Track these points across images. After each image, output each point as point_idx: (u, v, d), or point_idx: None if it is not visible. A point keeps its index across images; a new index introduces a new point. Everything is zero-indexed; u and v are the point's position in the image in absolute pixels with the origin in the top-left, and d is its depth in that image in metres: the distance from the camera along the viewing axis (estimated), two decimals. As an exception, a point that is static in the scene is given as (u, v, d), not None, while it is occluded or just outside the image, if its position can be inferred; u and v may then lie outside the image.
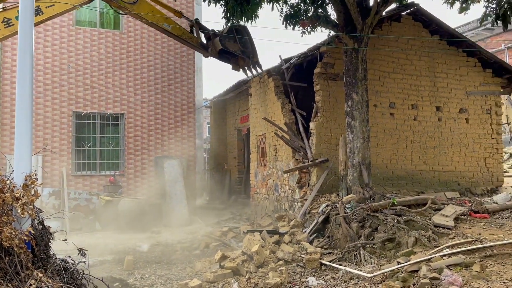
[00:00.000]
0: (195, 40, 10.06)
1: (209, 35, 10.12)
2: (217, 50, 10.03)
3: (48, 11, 8.24)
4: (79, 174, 12.48)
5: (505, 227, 6.90)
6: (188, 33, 9.94)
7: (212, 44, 10.06)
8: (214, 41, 10.00)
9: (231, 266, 6.55)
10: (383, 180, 9.91)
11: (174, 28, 9.66)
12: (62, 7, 8.43)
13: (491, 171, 11.23)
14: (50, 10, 8.28)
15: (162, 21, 9.48)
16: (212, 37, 10.04)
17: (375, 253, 6.52)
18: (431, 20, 10.50)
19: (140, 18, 9.37)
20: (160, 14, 9.49)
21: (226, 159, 16.60)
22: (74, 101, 12.55)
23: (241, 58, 10.40)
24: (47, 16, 8.28)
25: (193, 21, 10.11)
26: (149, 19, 9.27)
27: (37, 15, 8.08)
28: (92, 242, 9.87)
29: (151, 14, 9.29)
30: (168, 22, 9.59)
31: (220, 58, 10.43)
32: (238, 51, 10.16)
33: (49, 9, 8.25)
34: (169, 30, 9.58)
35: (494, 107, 11.40)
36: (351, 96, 8.56)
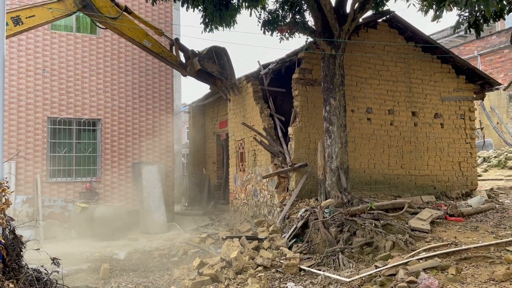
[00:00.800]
0: (174, 58, 10.21)
1: (188, 54, 10.31)
2: (196, 70, 10.23)
3: (28, 21, 8.17)
4: (54, 180, 12.18)
5: (479, 230, 7.05)
6: (167, 51, 10.08)
7: (191, 64, 10.26)
8: (193, 61, 10.20)
9: (210, 273, 6.48)
10: (361, 185, 10.02)
11: (154, 46, 9.80)
12: (43, 18, 8.39)
13: (466, 175, 11.48)
14: (30, 21, 8.21)
15: (142, 38, 9.60)
16: (191, 56, 10.23)
17: (353, 258, 6.56)
18: (406, 27, 10.71)
19: (120, 33, 9.46)
20: (140, 31, 9.59)
21: (205, 165, 16.51)
22: (49, 106, 12.27)
23: (219, 79, 10.65)
24: (27, 26, 8.20)
25: (173, 40, 10.29)
26: (129, 35, 9.37)
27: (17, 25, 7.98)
28: (67, 251, 9.65)
29: (132, 30, 9.39)
30: (148, 39, 9.71)
31: (198, 78, 10.65)
32: (216, 72, 10.39)
33: (29, 20, 8.18)
34: (148, 47, 9.71)
35: (468, 112, 11.68)
36: (329, 102, 8.63)
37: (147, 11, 13.38)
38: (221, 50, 10.54)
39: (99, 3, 9.02)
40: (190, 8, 8.94)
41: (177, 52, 10.31)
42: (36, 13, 8.29)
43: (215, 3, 8.59)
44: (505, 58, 22.37)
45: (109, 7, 9.16)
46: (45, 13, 8.40)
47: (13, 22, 7.95)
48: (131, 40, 9.65)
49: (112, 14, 9.13)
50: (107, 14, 9.04)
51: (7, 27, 7.78)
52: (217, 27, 9.14)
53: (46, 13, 8.41)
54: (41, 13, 8.35)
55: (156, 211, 12.18)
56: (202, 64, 10.13)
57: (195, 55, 10.23)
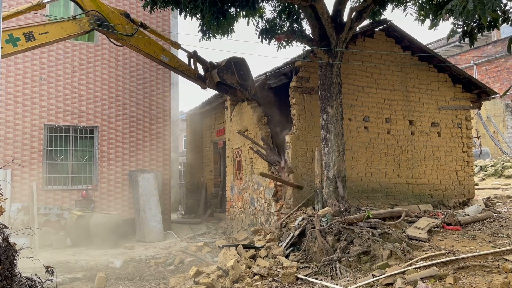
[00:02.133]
0: (192, 72, 10.04)
1: (207, 66, 10.15)
2: (215, 82, 10.07)
3: (41, 38, 7.98)
4: (50, 188, 12.12)
5: (477, 239, 7.03)
6: (185, 65, 9.94)
7: (210, 76, 10.08)
8: (212, 73, 10.04)
9: (206, 282, 6.42)
10: (358, 193, 9.99)
11: (171, 60, 9.64)
12: (56, 36, 8.19)
13: (463, 184, 11.48)
14: (43, 37, 8.02)
15: (159, 53, 9.44)
16: (210, 69, 10.08)
17: (350, 266, 6.52)
18: (403, 36, 10.77)
19: (137, 50, 9.28)
20: (157, 46, 9.44)
21: (202, 173, 16.47)
22: (46, 113, 12.24)
23: (239, 90, 10.47)
24: (39, 42, 8.01)
25: (191, 52, 10.10)
26: (146, 51, 9.21)
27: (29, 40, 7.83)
28: (62, 259, 9.57)
29: (148, 45, 9.23)
30: (166, 54, 9.55)
31: (218, 90, 10.55)
32: (236, 84, 10.23)
33: (42, 36, 7.99)
34: (166, 62, 9.55)
35: (464, 121, 11.72)
36: (326, 110, 8.65)
37: (145, 19, 13.40)
38: (240, 61, 10.39)
39: (115, 20, 8.81)
40: (188, 17, 8.96)
41: (195, 65, 10.12)
42: (50, 30, 8.12)
43: (213, 12, 8.62)
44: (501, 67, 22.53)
45: (125, 24, 8.96)
46: (59, 30, 8.23)
47: (25, 38, 7.78)
48: (148, 56, 9.45)
49: (128, 30, 8.95)
50: (122, 31, 8.84)
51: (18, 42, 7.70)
52: (215, 35, 9.16)
53: (60, 30, 8.24)
54: (55, 30, 8.17)
55: (153, 219, 12.11)
56: (221, 76, 9.97)
57: (214, 67, 10.07)
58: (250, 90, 10.48)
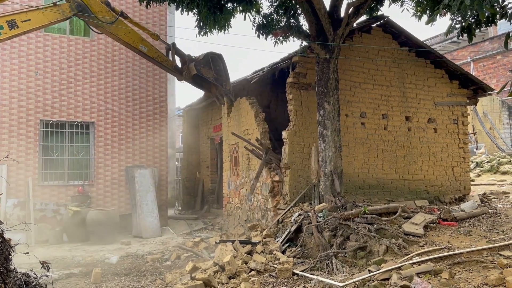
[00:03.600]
0: (170, 63, 10.16)
1: (184, 59, 10.26)
2: (192, 75, 10.17)
3: (23, 25, 8.07)
4: (46, 184, 12.07)
5: (472, 234, 7.06)
6: (163, 56, 10.06)
7: (187, 69, 10.19)
8: (189, 66, 10.14)
9: (203, 277, 6.42)
10: (355, 189, 10.01)
11: (149, 51, 9.74)
12: (39, 22, 8.30)
13: (459, 180, 11.52)
14: (26, 25, 8.11)
15: (138, 43, 9.56)
16: (187, 61, 10.17)
17: (347, 262, 6.54)
18: (400, 32, 10.76)
19: (116, 38, 9.43)
20: (136, 36, 9.55)
21: (199, 169, 16.45)
22: (41, 109, 12.17)
23: (214, 85, 10.58)
24: (22, 30, 8.11)
25: (169, 44, 10.22)
26: (125, 40, 9.33)
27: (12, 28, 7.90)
28: (58, 255, 9.55)
29: (127, 35, 9.33)
30: (144, 44, 9.65)
31: (193, 84, 10.60)
32: (212, 78, 10.32)
33: (24, 24, 8.08)
34: (144, 52, 9.66)
35: (461, 117, 11.74)
36: (323, 106, 8.64)
37: (141, 14, 13.35)
38: (218, 56, 10.49)
39: (95, 8, 8.95)
40: (184, 12, 8.93)
41: (173, 57, 10.25)
42: (32, 17, 8.20)
43: (209, 7, 8.58)
44: (497, 64, 22.57)
45: (105, 12, 9.09)
46: (41, 17, 8.33)
47: (8, 26, 7.87)
48: (127, 45, 9.60)
49: (108, 19, 9.07)
50: (103, 19, 8.98)
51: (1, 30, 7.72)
52: (211, 30, 9.13)
53: (42, 17, 8.35)
54: (37, 17, 8.27)
55: (149, 215, 12.09)
56: (199, 69, 10.08)
57: (192, 60, 10.18)
58: (225, 85, 10.59)
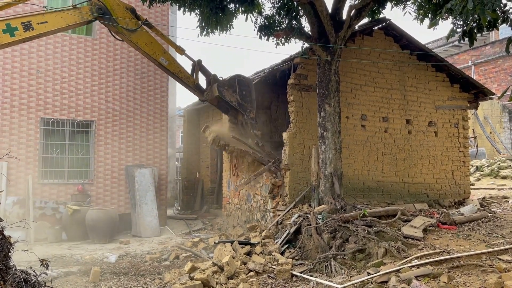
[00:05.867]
0: (191, 81, 9.47)
1: (209, 79, 9.61)
2: (214, 96, 9.52)
3: (39, 27, 7.65)
4: (46, 182, 12.07)
5: (471, 238, 7.06)
6: (185, 72, 9.38)
7: (210, 89, 9.56)
8: (212, 86, 9.51)
9: (201, 277, 6.43)
10: (355, 191, 10.01)
11: (170, 64, 9.12)
12: (56, 25, 7.85)
13: (459, 184, 11.52)
14: (42, 27, 7.68)
15: (159, 55, 8.98)
16: (212, 81, 9.53)
17: (346, 264, 6.55)
18: (402, 35, 10.77)
19: (136, 47, 8.89)
20: (158, 47, 8.99)
21: (199, 169, 16.46)
22: (42, 107, 12.18)
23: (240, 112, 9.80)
24: (37, 32, 7.68)
25: (195, 61, 9.53)
26: (145, 50, 8.80)
27: (27, 30, 7.51)
28: (57, 253, 9.56)
29: (149, 45, 8.81)
30: (166, 57, 9.07)
31: (218, 107, 9.92)
32: (235, 103, 9.59)
33: (40, 26, 7.65)
34: (165, 65, 9.06)
35: (461, 121, 11.74)
36: (324, 108, 8.65)
37: (143, 13, 13.34)
38: (246, 80, 9.86)
39: (118, 13, 8.45)
40: (186, 12, 8.94)
41: (196, 74, 9.56)
42: (49, 19, 7.79)
43: (212, 7, 8.60)
44: (498, 68, 22.58)
45: (128, 19, 8.62)
46: (58, 19, 7.90)
47: (23, 27, 7.44)
48: (147, 56, 9.03)
49: (130, 26, 8.57)
50: (124, 25, 8.49)
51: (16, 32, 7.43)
52: (213, 31, 9.14)
53: (60, 20, 7.92)
54: (54, 19, 7.86)
55: (149, 214, 12.10)
56: (221, 91, 9.40)
57: (216, 81, 9.53)
58: (249, 113, 9.80)
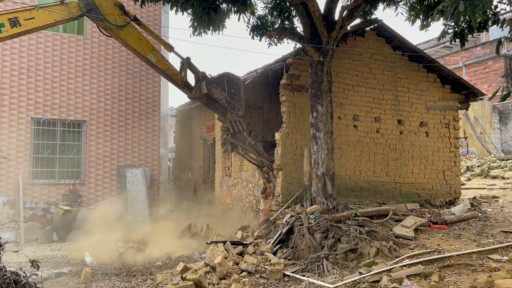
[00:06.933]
0: (180, 78, 9.40)
1: (198, 76, 9.55)
2: (202, 93, 9.47)
3: (27, 23, 7.52)
4: (37, 182, 11.98)
5: (462, 238, 7.12)
6: (174, 69, 9.33)
7: (199, 86, 9.50)
8: (200, 83, 9.46)
9: (193, 278, 6.41)
10: (347, 191, 10.05)
11: (159, 62, 9.05)
12: (43, 21, 7.75)
13: (449, 184, 11.61)
14: (29, 23, 7.55)
15: (148, 52, 8.91)
16: (200, 79, 9.48)
17: (338, 264, 6.57)
18: (394, 36, 10.83)
19: (125, 44, 8.81)
20: (146, 44, 8.91)
21: (191, 169, 16.42)
22: (33, 106, 12.08)
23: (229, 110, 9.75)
24: (25, 28, 7.55)
25: (184, 58, 9.47)
26: (134, 47, 8.73)
27: (14, 26, 7.44)
28: (48, 254, 9.48)
29: (137, 42, 8.75)
30: (154, 54, 8.99)
31: (207, 105, 9.90)
32: (224, 100, 9.55)
33: (28, 22, 7.52)
34: (153, 62, 8.98)
35: (452, 121, 11.84)
36: (316, 108, 8.67)
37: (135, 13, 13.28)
38: (235, 78, 9.83)
39: (106, 9, 8.37)
40: (179, 12, 8.91)
41: (185, 71, 9.50)
42: (36, 15, 7.67)
43: (204, 7, 8.58)
44: (489, 69, 22.80)
45: (117, 15, 8.51)
46: (46, 16, 7.79)
47: (10, 24, 7.36)
48: (135, 53, 8.95)
49: (119, 23, 8.46)
50: (113, 22, 8.39)
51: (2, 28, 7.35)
52: (206, 30, 9.12)
53: (47, 16, 7.80)
54: (42, 15, 7.73)
55: (140, 214, 12.04)
56: (209, 89, 9.36)
57: (205, 78, 9.49)
58: (238, 111, 9.79)
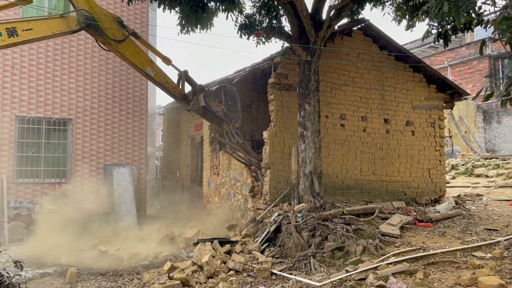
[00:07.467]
0: (178, 91, 9.51)
1: (195, 88, 9.67)
2: (199, 106, 9.59)
3: (24, 34, 7.51)
4: (21, 181, 11.80)
5: (446, 235, 7.23)
6: (172, 82, 9.41)
7: (196, 99, 9.62)
8: (198, 96, 9.57)
9: (180, 277, 6.39)
10: (334, 190, 10.12)
11: (157, 75, 9.12)
12: (41, 33, 7.72)
13: (435, 182, 11.76)
14: (27, 34, 7.54)
15: (146, 65, 8.97)
16: (198, 91, 9.59)
17: (325, 262, 6.61)
18: (380, 36, 10.92)
19: (123, 58, 8.85)
20: (144, 58, 8.99)
21: (179, 168, 16.36)
22: (17, 104, 11.90)
23: (225, 122, 9.93)
24: (22, 39, 7.53)
25: (182, 71, 9.56)
26: (132, 61, 8.78)
27: (11, 36, 7.37)
28: (32, 254, 9.35)
29: (136, 56, 8.79)
30: (152, 67, 9.07)
31: (204, 116, 10.00)
32: (221, 113, 9.73)
33: (25, 33, 7.50)
34: (151, 76, 9.06)
35: (438, 120, 11.99)
36: (304, 107, 8.70)
37: (122, 10, 13.19)
38: (232, 91, 9.99)
39: (105, 24, 8.40)
40: (166, 9, 8.86)
41: (183, 84, 9.60)
42: (35, 26, 7.66)
43: (192, 5, 8.55)
44: (473, 69, 23.13)
45: (115, 30, 8.55)
46: (44, 27, 7.79)
47: (7, 33, 7.31)
48: (134, 66, 9.01)
49: (117, 37, 8.52)
50: (111, 36, 8.43)
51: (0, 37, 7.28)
52: (194, 29, 9.09)
53: (45, 27, 7.80)
54: (40, 27, 7.74)
55: (127, 214, 11.96)
56: (207, 102, 9.51)
57: (202, 91, 9.62)
58: (235, 123, 9.96)
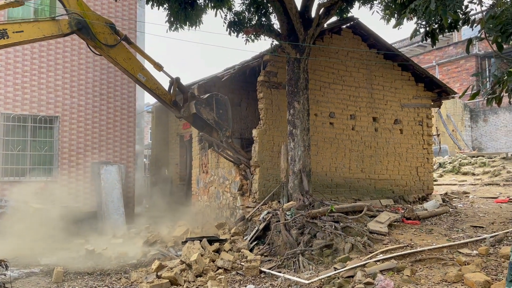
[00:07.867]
0: (168, 97, 9.41)
1: (187, 96, 9.60)
2: (191, 113, 9.54)
3: (15, 36, 7.37)
4: (6, 180, 11.62)
5: (433, 232, 7.29)
6: (162, 89, 9.33)
7: (187, 106, 9.57)
8: (190, 103, 9.53)
9: (169, 275, 6.36)
10: (323, 188, 10.15)
11: (148, 81, 9.03)
12: (32, 35, 7.60)
13: (422, 180, 11.86)
14: (17, 36, 7.41)
15: (137, 71, 8.89)
16: (189, 99, 9.54)
17: (313, 260, 6.63)
18: (369, 34, 10.97)
19: (114, 63, 8.77)
20: (136, 64, 8.90)
21: (168, 166, 16.26)
22: (2, 102, 11.70)
23: (216, 129, 9.85)
24: (12, 41, 7.40)
25: (173, 78, 9.48)
26: (123, 66, 8.69)
27: (1, 38, 7.27)
28: (18, 253, 9.21)
29: (127, 61, 8.71)
30: (144, 73, 8.97)
31: (194, 124, 9.97)
32: (212, 121, 9.66)
33: (16, 35, 7.37)
34: (142, 82, 8.95)
35: (426, 119, 12.09)
36: (293, 105, 8.70)
37: (110, 7, 13.05)
38: (223, 99, 9.92)
39: (97, 28, 8.29)
40: (155, 6, 8.79)
41: (174, 91, 9.49)
42: (26, 29, 7.52)
43: (181, 2, 8.49)
44: (461, 68, 23.37)
45: (107, 34, 8.45)
46: (35, 30, 7.66)
47: None
48: (125, 72, 8.92)
49: (109, 42, 8.42)
50: (103, 41, 8.32)
51: None
52: (182, 26, 9.03)
53: (36, 30, 7.67)
54: (31, 29, 7.61)
55: (115, 212, 11.85)
56: (198, 109, 9.45)
57: (194, 98, 9.56)
58: (225, 131, 9.88)
